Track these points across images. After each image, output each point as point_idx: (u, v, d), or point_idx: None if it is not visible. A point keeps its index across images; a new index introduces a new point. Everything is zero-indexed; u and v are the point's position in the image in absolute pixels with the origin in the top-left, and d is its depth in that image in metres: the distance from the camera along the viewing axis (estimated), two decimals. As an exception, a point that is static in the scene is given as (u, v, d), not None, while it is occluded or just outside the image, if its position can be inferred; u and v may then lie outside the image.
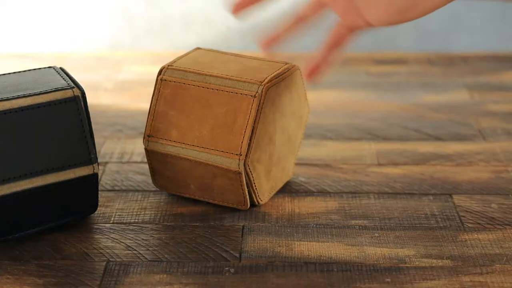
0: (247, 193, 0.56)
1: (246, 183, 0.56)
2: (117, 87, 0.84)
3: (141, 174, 0.64)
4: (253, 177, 0.56)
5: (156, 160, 0.58)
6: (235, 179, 0.55)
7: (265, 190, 0.58)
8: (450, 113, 0.77)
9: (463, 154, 0.68)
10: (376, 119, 0.75)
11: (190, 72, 0.57)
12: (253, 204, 0.59)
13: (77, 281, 0.50)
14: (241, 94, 0.55)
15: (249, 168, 0.55)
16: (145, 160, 0.67)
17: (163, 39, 1.05)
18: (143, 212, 0.58)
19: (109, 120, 0.76)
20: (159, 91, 0.57)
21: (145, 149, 0.58)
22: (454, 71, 0.89)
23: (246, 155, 0.54)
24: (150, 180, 0.63)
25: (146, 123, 0.57)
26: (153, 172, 0.59)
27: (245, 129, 0.54)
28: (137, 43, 1.04)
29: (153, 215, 0.58)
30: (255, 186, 0.57)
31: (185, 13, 1.05)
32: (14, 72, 0.56)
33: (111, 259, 0.53)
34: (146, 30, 1.04)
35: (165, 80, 0.57)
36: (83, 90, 0.54)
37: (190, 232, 0.56)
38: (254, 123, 0.54)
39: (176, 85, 0.57)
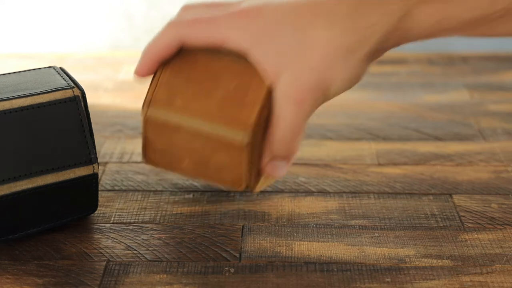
0: (246, 170, 0.54)
1: (247, 161, 0.53)
2: (117, 87, 0.84)
3: (141, 174, 0.64)
4: (254, 155, 0.54)
5: (153, 130, 0.54)
6: (237, 154, 0.53)
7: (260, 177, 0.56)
8: (450, 113, 0.77)
9: (463, 154, 0.68)
10: (376, 119, 0.75)
11: (205, 49, 0.55)
12: (243, 192, 0.59)
13: (77, 281, 0.50)
14: (254, 70, 0.53)
15: (253, 144, 0.53)
16: (145, 160, 0.67)
17: (163, 39, 1.05)
18: (143, 212, 0.58)
19: (109, 120, 0.76)
20: (166, 62, 0.54)
21: (143, 118, 0.54)
22: (454, 71, 0.89)
23: (253, 130, 0.52)
24: (150, 180, 0.63)
25: (148, 91, 0.54)
26: (146, 144, 0.55)
27: (255, 104, 0.52)
28: (137, 43, 1.04)
29: (153, 215, 0.58)
30: (253, 166, 0.54)
31: (185, 13, 1.04)
32: (14, 72, 0.56)
33: (111, 259, 0.53)
34: (146, 30, 1.04)
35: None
36: (83, 90, 0.54)
37: (190, 232, 0.56)
38: (264, 99, 0.52)
39: (185, 56, 0.54)
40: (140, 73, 0.55)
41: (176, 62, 0.54)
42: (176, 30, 0.53)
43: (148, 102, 0.54)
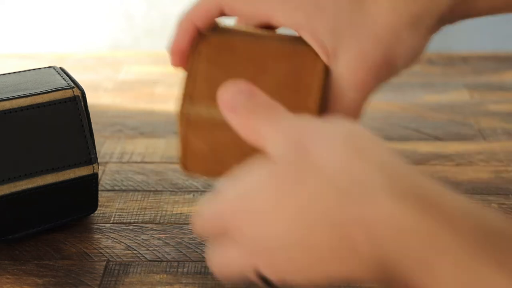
0: None
1: None
2: (117, 87, 0.84)
3: (141, 174, 0.64)
4: None
5: (195, 130, 0.47)
6: None
7: None
8: (450, 113, 0.77)
9: (463, 154, 0.68)
10: (376, 119, 0.75)
11: (238, 31, 0.48)
12: None
13: (77, 281, 0.50)
14: (304, 50, 0.46)
15: None
16: (145, 160, 0.67)
17: (163, 39, 1.05)
18: (143, 212, 0.58)
19: (109, 120, 0.76)
20: (199, 52, 0.47)
21: (183, 116, 0.46)
22: (454, 71, 0.89)
23: (318, 114, 0.45)
24: (150, 180, 0.63)
25: (185, 86, 0.46)
26: (186, 148, 0.47)
27: (313, 88, 0.45)
28: (137, 43, 1.05)
29: (153, 215, 0.58)
30: None
31: (185, 13, 1.05)
32: (14, 72, 0.56)
33: (111, 259, 0.53)
34: (146, 30, 1.04)
35: (207, 38, 0.47)
36: (83, 90, 0.54)
37: (190, 232, 0.56)
38: (322, 82, 0.45)
39: (221, 43, 0.47)
40: (175, 50, 0.47)
41: (211, 51, 0.47)
42: None
43: (188, 97, 0.46)
